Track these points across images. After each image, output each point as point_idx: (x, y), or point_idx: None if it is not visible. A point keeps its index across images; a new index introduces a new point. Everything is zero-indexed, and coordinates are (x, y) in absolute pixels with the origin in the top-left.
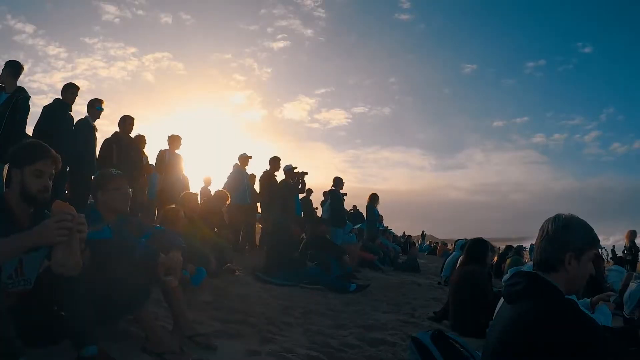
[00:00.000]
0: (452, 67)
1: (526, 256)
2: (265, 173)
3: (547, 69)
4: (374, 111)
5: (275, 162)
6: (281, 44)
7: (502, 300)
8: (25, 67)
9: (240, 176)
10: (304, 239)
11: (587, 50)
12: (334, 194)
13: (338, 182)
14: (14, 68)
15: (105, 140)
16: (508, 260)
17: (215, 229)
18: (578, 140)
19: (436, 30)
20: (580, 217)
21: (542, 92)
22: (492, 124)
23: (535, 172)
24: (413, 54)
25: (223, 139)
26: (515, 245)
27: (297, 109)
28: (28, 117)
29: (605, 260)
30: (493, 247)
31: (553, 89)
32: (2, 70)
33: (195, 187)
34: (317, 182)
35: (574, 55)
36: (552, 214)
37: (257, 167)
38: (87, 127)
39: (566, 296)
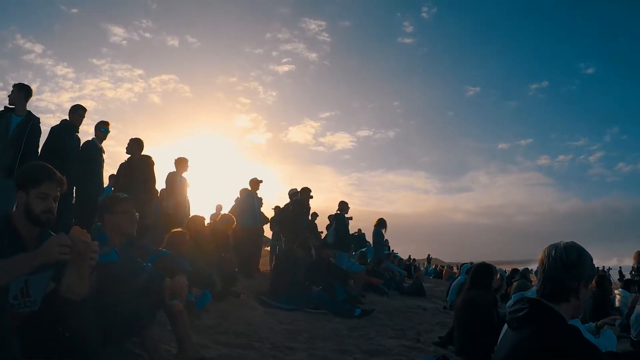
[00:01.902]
0: (456, 90)
1: (533, 279)
2: (297, 201)
3: (550, 90)
4: (379, 134)
5: (306, 192)
6: (286, 68)
7: (506, 325)
8: (34, 87)
9: (251, 200)
10: (308, 262)
11: (589, 71)
12: (340, 218)
13: (343, 206)
14: (27, 92)
15: (120, 164)
16: (515, 284)
17: (222, 253)
18: (583, 161)
19: (439, 53)
20: (587, 238)
21: (545, 113)
22: (497, 147)
23: (540, 194)
24: (417, 78)
25: (228, 162)
26: (521, 269)
27: (302, 132)
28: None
29: (613, 282)
30: (504, 271)
31: (557, 110)
32: (14, 92)
33: (201, 211)
34: (322, 206)
35: (576, 76)
36: (558, 236)
37: (264, 190)
38: (94, 148)
39: (569, 322)
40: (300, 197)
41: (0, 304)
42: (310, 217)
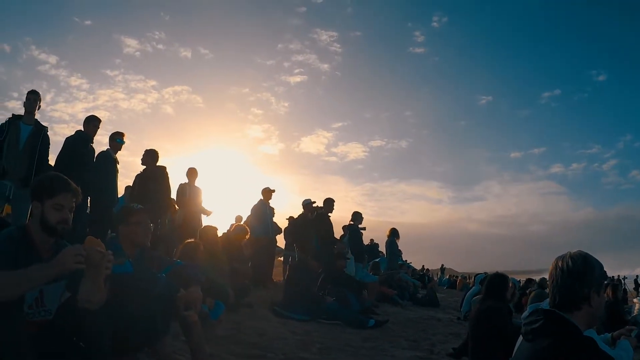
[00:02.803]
0: (468, 100)
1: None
2: (351, 227)
3: (562, 98)
4: (391, 144)
5: (329, 203)
6: (298, 79)
7: (521, 337)
8: (48, 97)
9: (263, 209)
10: (322, 273)
11: (601, 78)
12: (353, 229)
13: (357, 216)
14: (39, 100)
15: (136, 175)
16: (533, 293)
17: (235, 264)
18: (596, 169)
19: (450, 63)
20: (602, 247)
21: (558, 121)
22: (509, 156)
23: (554, 203)
24: (428, 87)
25: (241, 172)
26: (538, 279)
27: (315, 142)
28: None
29: (629, 291)
30: (517, 281)
31: (569, 118)
32: (33, 99)
33: (213, 222)
34: (335, 216)
35: (588, 83)
36: (572, 245)
37: (276, 201)
38: (109, 159)
39: (585, 333)
40: (324, 210)
41: (15, 314)
42: None
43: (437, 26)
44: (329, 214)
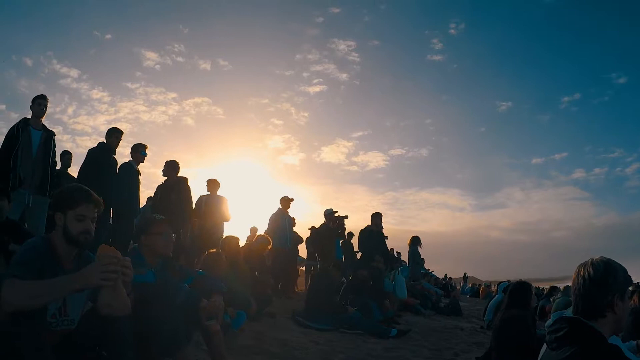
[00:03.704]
0: (487, 106)
1: None
2: (366, 229)
3: (582, 102)
4: (412, 153)
5: (377, 217)
6: (317, 89)
7: (545, 345)
8: (70, 110)
9: (281, 219)
10: (344, 283)
11: (621, 80)
12: None
13: None
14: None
15: (158, 186)
16: (557, 301)
17: (257, 273)
18: (619, 174)
19: (469, 69)
20: (626, 252)
21: (579, 126)
22: (531, 162)
23: (577, 209)
24: (447, 94)
25: (262, 183)
26: (562, 286)
27: (335, 152)
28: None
29: None
30: (540, 289)
31: (590, 122)
32: (44, 105)
33: (237, 231)
34: (357, 225)
35: (608, 86)
36: (596, 251)
37: (297, 210)
38: (131, 170)
39: (610, 340)
40: (373, 223)
41: (38, 323)
42: (346, 237)
43: (454, 33)
44: (378, 228)
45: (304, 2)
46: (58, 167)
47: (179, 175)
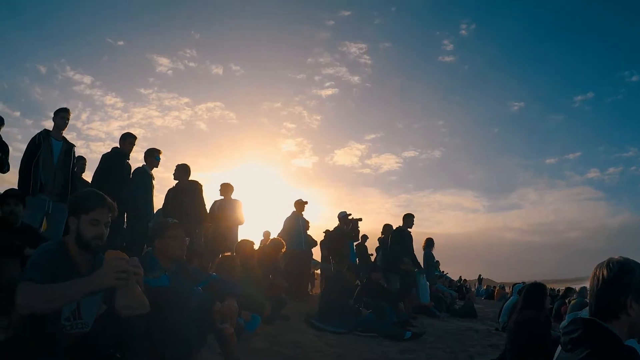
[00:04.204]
0: (500, 106)
1: None
2: (398, 229)
3: (595, 101)
4: (425, 155)
5: (409, 218)
6: (329, 92)
7: (560, 347)
8: (84, 116)
9: (296, 222)
10: (358, 285)
11: (634, 78)
12: (384, 242)
13: (388, 229)
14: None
15: (168, 190)
16: (572, 302)
17: (270, 276)
18: (634, 173)
19: (481, 70)
20: None
21: (592, 125)
22: (544, 162)
23: (591, 209)
24: (460, 96)
25: (275, 186)
26: (578, 288)
27: (348, 155)
28: None
29: None
30: (555, 291)
31: (603, 121)
32: (67, 117)
33: (251, 235)
34: (371, 228)
35: (621, 85)
36: (611, 252)
37: (311, 214)
38: (145, 175)
39: (626, 342)
40: (403, 225)
41: (53, 326)
42: (360, 240)
43: (465, 34)
44: (409, 229)
45: (315, 6)
46: None
47: (190, 178)
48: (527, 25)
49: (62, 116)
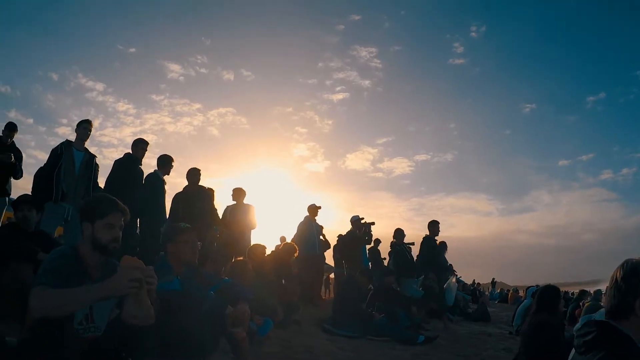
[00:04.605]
0: (511, 108)
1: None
2: (426, 239)
3: (607, 101)
4: (437, 158)
5: (435, 225)
6: (340, 96)
7: (574, 350)
8: (96, 122)
9: (310, 227)
10: (371, 289)
11: None
12: (395, 248)
13: (398, 234)
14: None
15: (176, 194)
16: (586, 305)
17: (283, 281)
18: None
19: (491, 72)
20: None
21: (605, 126)
22: (557, 164)
23: (606, 211)
24: (471, 98)
25: (287, 191)
26: (593, 290)
27: (360, 159)
28: None
29: None
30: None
31: (616, 121)
32: (89, 129)
33: (264, 240)
34: (384, 232)
35: (634, 84)
36: (626, 254)
37: (323, 218)
38: (157, 180)
39: None
40: (430, 234)
41: (66, 330)
42: (373, 244)
43: (475, 36)
44: (435, 237)
45: (325, 10)
46: None
47: (202, 184)
48: (538, 26)
49: (84, 127)
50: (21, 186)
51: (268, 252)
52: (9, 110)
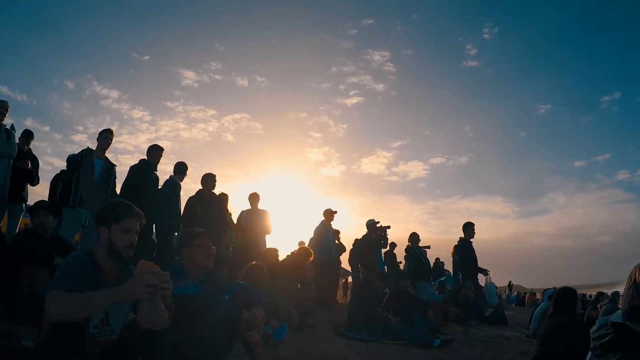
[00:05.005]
0: (526, 110)
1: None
2: (462, 242)
3: (623, 101)
4: (452, 161)
5: (470, 228)
6: (354, 100)
7: (590, 353)
8: (113, 130)
9: (325, 231)
10: (387, 293)
11: None
12: (409, 252)
13: (412, 238)
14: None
15: (190, 198)
16: (604, 307)
17: (299, 285)
18: None
19: (505, 73)
20: None
21: (621, 126)
22: (573, 165)
23: (622, 212)
24: (485, 100)
25: (303, 196)
26: (610, 292)
27: (375, 163)
28: None
29: None
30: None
31: (632, 121)
32: (110, 138)
33: (280, 244)
34: (399, 235)
35: None
36: None
37: (339, 222)
38: (176, 186)
39: None
40: (465, 236)
41: (82, 334)
42: (388, 248)
43: (488, 38)
44: (471, 240)
45: (337, 16)
46: None
47: (216, 189)
48: (550, 27)
49: (105, 136)
50: (38, 193)
51: (283, 256)
52: (25, 119)
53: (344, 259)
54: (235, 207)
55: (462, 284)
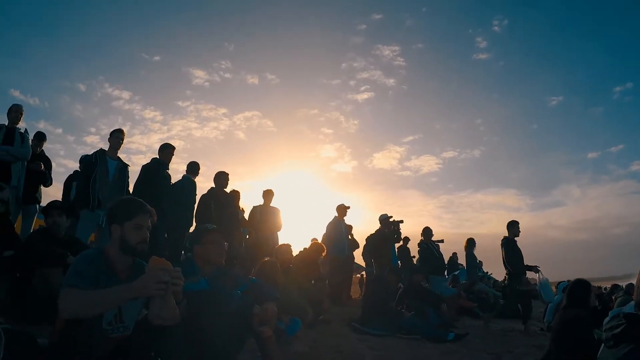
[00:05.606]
0: (538, 101)
1: None
2: (507, 240)
3: (635, 91)
4: (464, 154)
5: (514, 227)
6: (365, 96)
7: (603, 345)
8: (124, 130)
9: (338, 227)
10: (400, 288)
11: None
12: (422, 246)
13: (425, 232)
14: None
15: (202, 196)
16: (618, 300)
17: (312, 280)
18: None
19: (516, 65)
20: None
21: (634, 116)
22: (587, 156)
23: (637, 203)
24: (496, 93)
25: (316, 192)
26: (624, 285)
27: (387, 157)
28: None
29: None
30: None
31: None
32: (122, 138)
33: (293, 241)
34: (413, 230)
35: None
36: None
37: (352, 218)
38: (191, 184)
39: None
40: (509, 234)
41: (95, 330)
42: (402, 242)
43: (498, 30)
44: (515, 238)
45: (346, 11)
46: None
47: (228, 184)
48: (560, 18)
49: (116, 136)
50: (51, 194)
51: (296, 252)
52: (37, 122)
53: (357, 254)
54: (247, 205)
55: (510, 284)
